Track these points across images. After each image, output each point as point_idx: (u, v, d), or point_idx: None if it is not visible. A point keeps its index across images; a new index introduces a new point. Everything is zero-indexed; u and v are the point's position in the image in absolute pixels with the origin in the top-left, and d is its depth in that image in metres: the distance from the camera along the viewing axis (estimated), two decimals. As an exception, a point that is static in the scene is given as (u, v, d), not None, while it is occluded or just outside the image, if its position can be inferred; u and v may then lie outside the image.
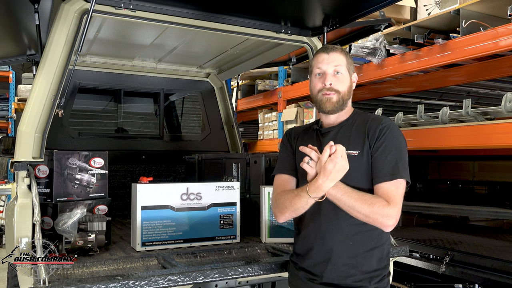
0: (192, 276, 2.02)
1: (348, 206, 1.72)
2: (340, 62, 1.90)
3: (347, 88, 1.91)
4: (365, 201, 1.70)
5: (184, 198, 2.60)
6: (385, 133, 1.81)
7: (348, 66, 1.92)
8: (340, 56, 1.91)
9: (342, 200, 1.72)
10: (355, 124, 1.92)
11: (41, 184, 2.56)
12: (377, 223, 1.72)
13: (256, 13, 2.83)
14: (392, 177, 1.76)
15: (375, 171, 1.80)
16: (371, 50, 3.93)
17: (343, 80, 1.90)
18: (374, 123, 1.86)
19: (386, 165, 1.77)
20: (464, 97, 5.09)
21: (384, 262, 1.88)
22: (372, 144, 1.82)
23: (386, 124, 1.84)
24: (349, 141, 1.86)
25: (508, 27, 2.95)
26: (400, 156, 1.79)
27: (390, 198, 1.72)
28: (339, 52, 1.92)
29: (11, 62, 4.23)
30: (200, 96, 4.64)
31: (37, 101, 2.27)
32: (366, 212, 1.70)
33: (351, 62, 1.96)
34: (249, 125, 6.93)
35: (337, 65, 1.89)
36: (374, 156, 1.81)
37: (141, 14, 2.55)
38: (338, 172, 1.66)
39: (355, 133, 1.88)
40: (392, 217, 1.71)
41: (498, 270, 3.13)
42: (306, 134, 2.05)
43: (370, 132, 1.84)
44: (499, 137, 2.96)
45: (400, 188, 1.76)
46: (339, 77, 1.89)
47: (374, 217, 1.70)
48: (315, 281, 1.87)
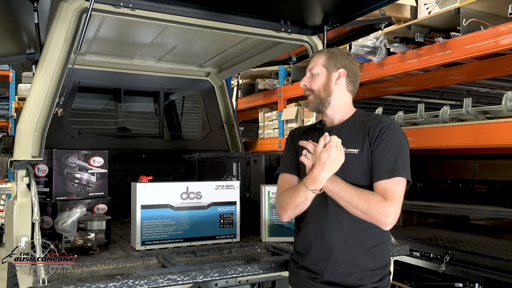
0: (192, 275, 2.01)
1: (346, 201, 1.73)
2: (316, 62, 1.99)
3: (321, 85, 1.95)
4: (362, 197, 1.71)
5: (184, 197, 2.59)
6: (385, 132, 1.81)
7: (326, 64, 1.96)
8: (317, 57, 2.00)
9: (340, 195, 1.74)
10: (356, 123, 1.92)
11: (41, 183, 2.55)
12: (374, 220, 1.71)
13: (256, 11, 2.83)
14: (391, 175, 1.75)
15: (374, 169, 1.80)
16: (371, 49, 3.93)
17: (317, 79, 1.96)
18: (375, 122, 1.86)
19: (385, 163, 1.77)
20: (465, 96, 5.08)
21: (384, 260, 1.88)
22: (372, 142, 1.82)
23: (387, 123, 1.84)
24: (350, 139, 1.86)
25: (508, 26, 2.94)
26: (400, 155, 1.79)
27: (388, 195, 1.72)
28: (319, 54, 2.01)
29: (11, 61, 4.23)
30: (200, 95, 4.64)
31: (36, 100, 2.27)
32: (363, 207, 1.70)
33: (335, 60, 1.96)
34: (249, 124, 6.93)
35: (313, 67, 1.99)
36: (373, 154, 1.81)
37: (140, 13, 2.54)
38: (333, 162, 1.69)
39: (356, 131, 1.89)
40: (390, 215, 1.69)
41: (499, 269, 3.13)
42: (309, 133, 2.07)
43: (370, 131, 1.84)
44: (499, 136, 2.96)
45: (399, 186, 1.75)
46: (313, 77, 1.98)
47: (370, 213, 1.70)
48: (316, 280, 1.87)
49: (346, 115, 1.97)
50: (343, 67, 1.96)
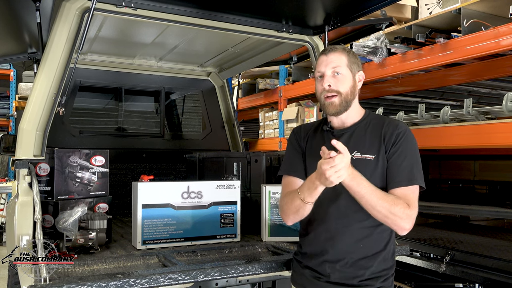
0: (192, 274, 2.02)
1: (370, 204, 1.68)
2: (339, 62, 1.85)
3: (349, 88, 1.85)
4: (389, 201, 1.68)
5: (185, 197, 2.60)
6: (401, 138, 1.81)
7: (350, 65, 1.87)
8: (339, 56, 1.86)
9: (365, 197, 1.68)
10: (369, 126, 1.89)
11: (42, 182, 2.56)
12: (394, 224, 1.70)
13: (257, 11, 2.83)
14: (409, 183, 1.76)
15: (391, 176, 1.78)
16: (372, 49, 3.93)
17: (344, 80, 1.85)
18: (391, 128, 1.84)
19: (402, 170, 1.77)
20: (465, 97, 5.09)
21: (390, 262, 1.89)
22: (388, 149, 1.81)
23: (403, 129, 1.83)
24: (365, 144, 1.84)
25: (509, 27, 2.94)
26: (416, 162, 1.80)
27: (410, 202, 1.72)
28: (339, 52, 1.88)
29: (12, 60, 4.23)
30: (201, 95, 4.64)
31: (38, 99, 2.27)
32: (387, 212, 1.68)
33: (355, 61, 1.90)
34: (250, 124, 6.93)
35: (336, 66, 1.85)
36: (390, 161, 1.80)
37: (142, 12, 2.54)
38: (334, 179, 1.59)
39: (370, 136, 1.86)
40: (412, 220, 1.71)
41: (499, 269, 3.13)
42: (316, 135, 2.00)
43: (386, 137, 1.83)
44: (500, 137, 2.96)
45: (415, 193, 1.77)
46: (339, 77, 1.85)
47: (393, 218, 1.68)
48: (321, 279, 1.87)
49: (358, 116, 1.93)
50: (361, 68, 1.93)
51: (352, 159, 1.77)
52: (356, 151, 1.83)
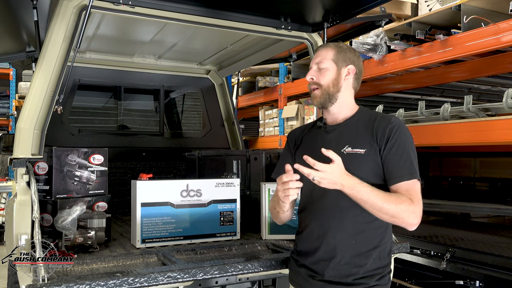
0: (192, 272, 2.01)
1: (375, 208, 1.68)
2: (324, 56, 1.92)
3: (330, 80, 1.89)
4: (392, 202, 1.67)
5: (184, 195, 2.59)
6: (395, 133, 1.80)
7: (335, 59, 1.91)
8: (325, 51, 1.93)
9: (369, 203, 1.67)
10: (361, 121, 1.90)
11: (41, 181, 2.55)
12: (403, 222, 1.69)
13: (256, 9, 2.82)
14: (411, 176, 1.75)
15: (391, 172, 1.77)
16: (371, 46, 3.91)
17: (325, 73, 1.90)
18: (383, 123, 1.84)
19: (402, 164, 1.76)
20: (465, 94, 5.04)
21: (386, 260, 1.87)
22: (383, 145, 1.79)
23: (396, 124, 1.82)
24: (356, 139, 1.84)
25: (509, 23, 2.93)
26: (414, 156, 1.80)
27: (412, 196, 1.71)
28: (327, 47, 1.95)
29: (11, 59, 4.22)
30: (201, 93, 4.63)
31: (36, 98, 2.26)
32: (393, 212, 1.67)
33: (345, 56, 1.92)
34: (250, 122, 6.92)
35: (321, 60, 1.92)
36: (387, 156, 1.78)
37: (140, 10, 2.53)
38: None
39: (362, 131, 1.86)
40: (419, 215, 1.70)
41: (499, 266, 3.12)
42: (310, 132, 2.04)
43: (378, 132, 1.82)
44: (500, 134, 2.95)
45: (418, 187, 1.76)
46: (321, 71, 1.91)
47: (401, 216, 1.67)
48: (316, 278, 1.87)
49: (350, 112, 1.94)
50: (352, 63, 1.93)
51: (343, 153, 1.80)
52: (348, 146, 1.84)
